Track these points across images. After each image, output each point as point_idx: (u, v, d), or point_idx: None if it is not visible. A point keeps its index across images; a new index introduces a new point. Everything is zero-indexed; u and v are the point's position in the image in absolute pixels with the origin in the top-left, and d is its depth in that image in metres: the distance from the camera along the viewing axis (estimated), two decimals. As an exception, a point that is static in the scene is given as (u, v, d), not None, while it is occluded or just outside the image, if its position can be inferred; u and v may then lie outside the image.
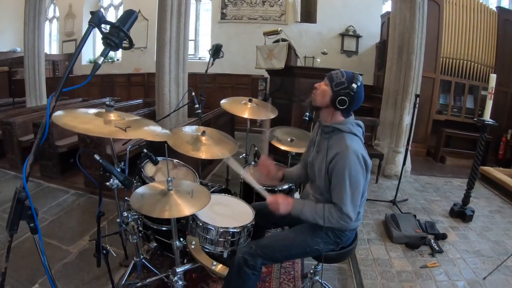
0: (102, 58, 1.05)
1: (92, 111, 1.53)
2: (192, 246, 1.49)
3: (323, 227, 1.59)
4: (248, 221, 1.75)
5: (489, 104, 3.16)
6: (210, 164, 4.60)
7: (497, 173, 4.34)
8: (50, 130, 3.62)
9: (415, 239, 2.78)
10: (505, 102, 5.59)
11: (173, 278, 1.57)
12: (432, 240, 2.82)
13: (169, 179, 1.45)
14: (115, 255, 2.01)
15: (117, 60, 9.23)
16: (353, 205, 1.54)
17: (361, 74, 1.64)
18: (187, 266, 1.65)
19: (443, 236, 2.92)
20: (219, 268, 1.38)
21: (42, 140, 1.00)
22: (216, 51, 2.58)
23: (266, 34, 3.88)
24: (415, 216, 3.16)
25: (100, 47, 7.28)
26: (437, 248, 2.72)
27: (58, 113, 1.47)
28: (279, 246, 1.65)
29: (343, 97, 1.53)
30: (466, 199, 3.37)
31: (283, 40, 3.68)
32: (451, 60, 5.64)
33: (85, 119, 1.47)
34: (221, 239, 1.67)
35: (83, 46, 1.01)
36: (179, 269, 1.58)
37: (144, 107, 5.74)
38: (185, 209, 1.41)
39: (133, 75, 8.66)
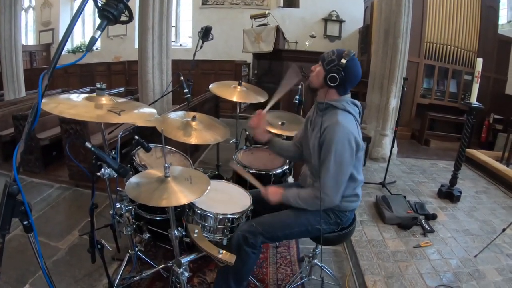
0: (99, 32, 0.96)
1: (81, 96, 1.43)
2: (195, 235, 1.42)
3: (320, 207, 1.59)
4: (246, 206, 1.71)
5: (475, 88, 3.20)
6: (196, 151, 4.51)
7: (481, 155, 4.47)
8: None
9: (407, 219, 2.83)
10: (487, 86, 5.74)
11: (178, 270, 1.50)
12: (423, 221, 2.88)
13: (166, 165, 1.38)
14: (110, 249, 1.93)
15: (96, 49, 8.88)
16: (336, 184, 1.53)
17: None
18: (192, 256, 1.59)
19: (433, 216, 2.98)
20: (225, 255, 1.33)
21: (34, 124, 0.90)
22: (205, 33, 2.48)
23: (254, 17, 3.78)
24: (405, 197, 3.22)
25: (78, 37, 7.01)
26: (428, 228, 2.78)
27: (43, 100, 1.36)
28: (281, 224, 1.64)
29: (333, 74, 1.51)
30: (454, 180, 3.45)
31: (264, 24, 3.61)
32: (435, 45, 5.73)
33: (73, 104, 1.37)
34: (220, 226, 1.62)
35: (78, 17, 0.90)
36: (184, 260, 1.51)
37: (126, 95, 5.55)
38: (187, 196, 1.34)
39: (113, 64, 8.42)
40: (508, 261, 2.45)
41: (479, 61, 3.18)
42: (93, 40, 0.96)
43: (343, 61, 1.50)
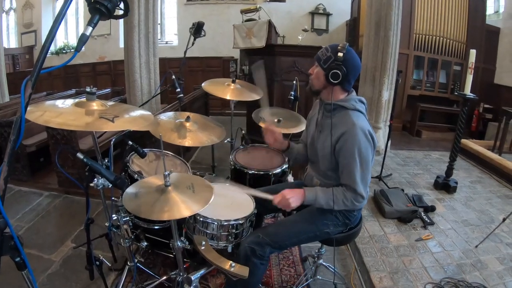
0: (90, 29, 0.86)
1: (68, 100, 1.32)
2: (203, 247, 1.34)
3: (332, 209, 1.55)
4: (250, 211, 1.64)
5: (469, 79, 3.20)
6: (188, 150, 4.40)
7: (473, 145, 4.51)
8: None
9: (407, 213, 2.81)
10: (476, 76, 5.76)
11: (189, 288, 1.41)
12: (422, 213, 2.87)
13: (166, 173, 1.29)
14: (109, 265, 1.83)
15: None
16: (364, 184, 1.50)
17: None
18: (202, 272, 1.51)
19: (432, 208, 2.98)
20: (238, 268, 1.24)
21: (18, 142, 0.78)
22: (197, 29, 2.38)
23: (244, 12, 3.68)
24: (402, 190, 3.21)
25: (61, 38, 6.72)
26: (428, 221, 2.78)
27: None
28: (288, 233, 1.58)
29: (334, 70, 1.46)
30: (449, 171, 3.45)
31: (252, 19, 3.53)
32: (424, 36, 5.75)
33: (60, 112, 1.26)
34: (224, 233, 1.55)
35: (65, 13, 0.80)
36: (194, 276, 1.42)
37: (113, 96, 5.38)
38: (190, 207, 1.24)
39: (98, 64, 8.21)
40: (508, 250, 2.47)
41: (473, 52, 3.17)
42: (83, 38, 0.86)
43: (340, 54, 1.45)
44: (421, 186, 3.59)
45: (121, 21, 4.14)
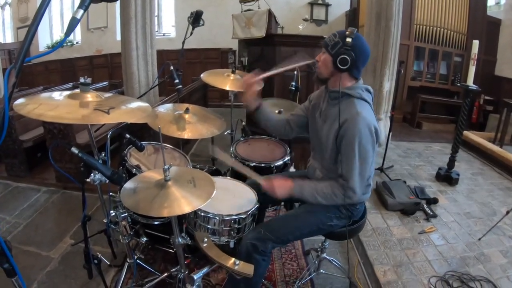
0: (81, 11, 0.80)
1: (63, 93, 1.26)
2: (205, 244, 1.29)
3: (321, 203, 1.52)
4: (252, 205, 1.60)
5: (471, 70, 3.17)
6: (187, 143, 4.34)
7: (474, 136, 4.48)
8: (12, 124, 3.16)
9: (410, 205, 2.79)
10: (477, 67, 5.70)
11: (191, 288, 1.36)
12: (425, 205, 2.84)
13: (166, 167, 1.24)
14: (108, 263, 1.79)
15: (77, 43, 8.52)
16: (361, 178, 1.45)
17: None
18: (204, 270, 1.46)
19: (435, 201, 2.96)
20: (243, 267, 1.20)
21: (1, 138, 0.72)
22: (196, 18, 2.31)
23: (243, 1, 3.60)
24: (405, 182, 3.18)
25: (57, 31, 6.56)
26: (431, 213, 2.76)
27: (20, 101, 1.21)
28: (291, 227, 1.54)
29: (342, 56, 1.40)
30: (451, 163, 3.43)
31: (250, 10, 3.45)
32: (425, 27, 5.69)
33: (54, 105, 1.20)
34: (226, 228, 1.51)
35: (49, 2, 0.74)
36: (196, 276, 1.37)
37: (110, 89, 5.30)
38: (192, 202, 1.19)
39: (95, 57, 8.10)
40: (511, 243, 2.45)
41: (475, 43, 3.12)
42: (74, 22, 0.80)
43: (349, 40, 1.39)
44: (423, 178, 3.56)
45: (118, 13, 4.04)
